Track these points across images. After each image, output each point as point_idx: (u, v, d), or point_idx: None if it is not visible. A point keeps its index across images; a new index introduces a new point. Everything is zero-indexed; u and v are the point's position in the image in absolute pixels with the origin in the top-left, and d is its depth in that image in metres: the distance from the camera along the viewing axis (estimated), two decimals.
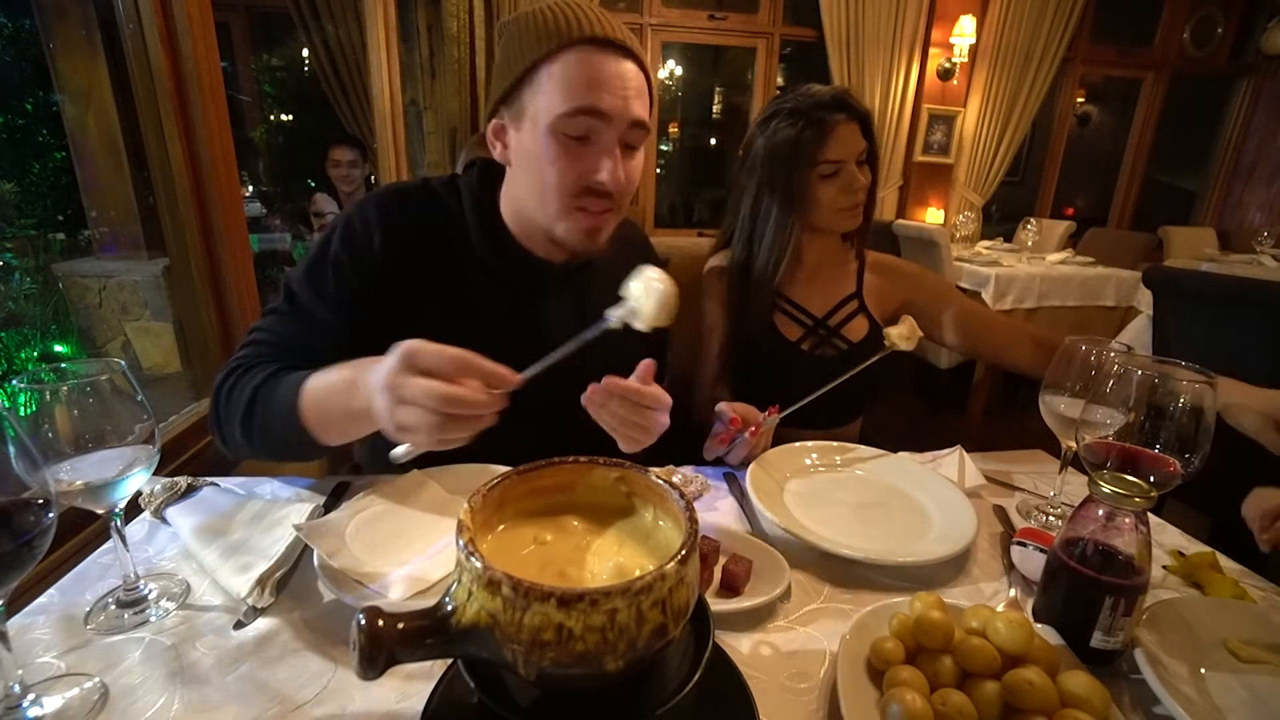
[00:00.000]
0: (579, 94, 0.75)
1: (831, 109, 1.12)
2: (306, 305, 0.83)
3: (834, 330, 1.23)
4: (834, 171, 1.14)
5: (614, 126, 0.78)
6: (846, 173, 1.14)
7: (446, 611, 0.38)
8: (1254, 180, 5.01)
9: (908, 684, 0.50)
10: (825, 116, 1.12)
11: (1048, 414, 0.83)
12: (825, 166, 1.14)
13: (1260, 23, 4.78)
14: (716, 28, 4.18)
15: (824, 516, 0.82)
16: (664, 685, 0.41)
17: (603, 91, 0.76)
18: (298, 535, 0.68)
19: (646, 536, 0.47)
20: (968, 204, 4.51)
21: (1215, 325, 1.46)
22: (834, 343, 1.23)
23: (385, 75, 2.37)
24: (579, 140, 0.78)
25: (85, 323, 2.19)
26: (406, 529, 0.73)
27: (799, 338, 1.24)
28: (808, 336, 1.24)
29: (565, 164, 0.78)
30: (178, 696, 0.52)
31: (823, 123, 1.12)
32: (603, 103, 0.76)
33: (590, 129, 0.77)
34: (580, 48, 0.76)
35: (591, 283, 0.96)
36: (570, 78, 0.75)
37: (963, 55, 4.17)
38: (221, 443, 0.81)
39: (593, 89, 0.76)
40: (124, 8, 1.04)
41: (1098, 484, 0.57)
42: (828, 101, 1.13)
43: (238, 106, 3.99)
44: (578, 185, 0.79)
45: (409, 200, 0.89)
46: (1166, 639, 0.58)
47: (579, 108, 0.75)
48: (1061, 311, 3.20)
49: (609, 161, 0.78)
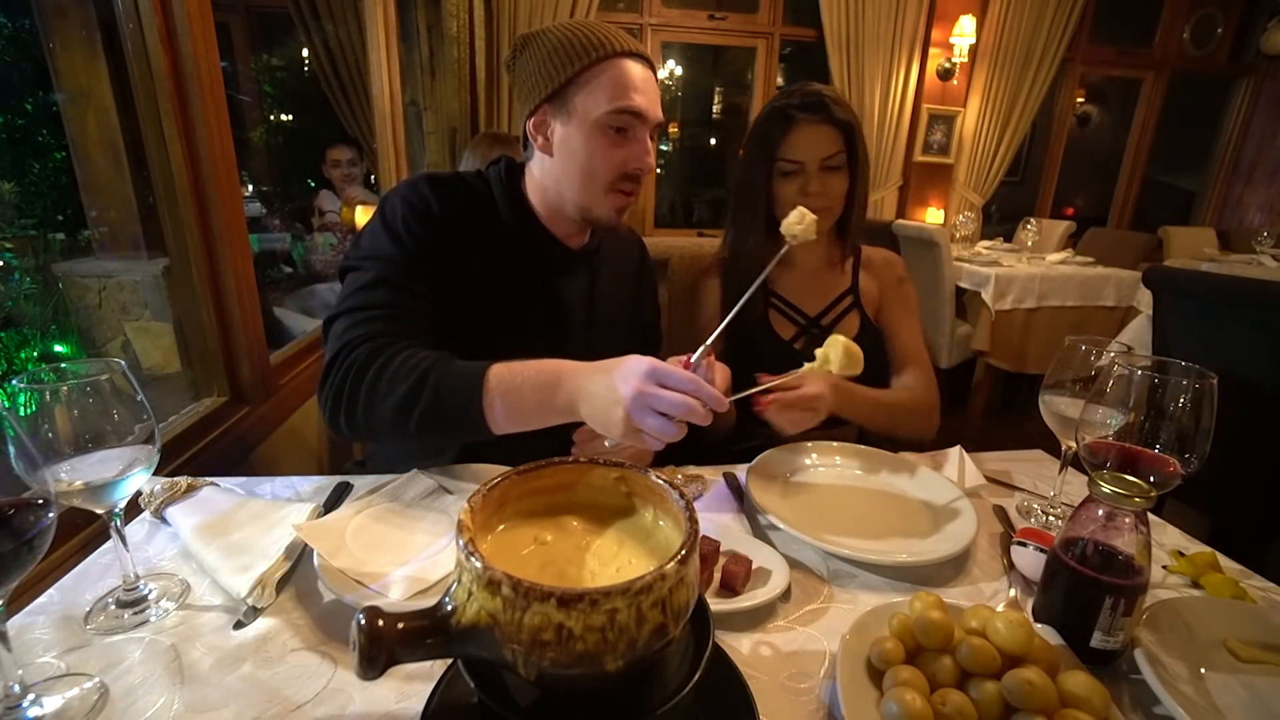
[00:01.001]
0: (622, 95, 0.90)
1: (801, 108, 1.11)
2: (393, 276, 0.89)
3: (826, 330, 1.23)
4: (792, 170, 1.13)
5: (647, 123, 0.93)
6: (805, 174, 1.13)
7: (446, 611, 0.38)
8: (1254, 180, 5.00)
9: (908, 684, 0.50)
10: (793, 114, 1.12)
11: (1048, 414, 0.83)
12: (784, 164, 1.13)
13: (1260, 23, 4.78)
14: (716, 28, 4.18)
15: (824, 516, 0.82)
16: (664, 685, 0.41)
17: (638, 95, 0.91)
18: (297, 535, 0.68)
19: (646, 536, 0.47)
20: (967, 204, 4.50)
21: (1215, 325, 1.46)
22: None
23: (385, 75, 2.36)
24: (619, 132, 0.92)
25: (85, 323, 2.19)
26: (406, 529, 0.73)
27: (792, 336, 1.24)
28: (800, 336, 1.24)
29: (611, 153, 0.92)
30: (178, 696, 0.52)
31: (788, 119, 1.12)
32: (639, 103, 0.91)
33: (629, 124, 0.92)
34: (618, 59, 0.91)
35: (600, 266, 1.10)
36: (615, 82, 0.90)
37: (963, 55, 4.17)
38: (347, 417, 0.80)
39: (632, 92, 0.91)
40: (124, 8, 1.03)
41: (1098, 484, 0.57)
42: (799, 101, 1.12)
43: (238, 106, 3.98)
44: (620, 170, 0.94)
45: (453, 183, 0.99)
46: (1166, 639, 0.58)
47: (623, 107, 0.90)
48: (1061, 311, 3.20)
49: (644, 150, 0.94)
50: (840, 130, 1.12)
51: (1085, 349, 0.81)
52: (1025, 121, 4.44)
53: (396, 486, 0.80)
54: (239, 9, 3.86)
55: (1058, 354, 0.83)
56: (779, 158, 1.13)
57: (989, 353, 3.15)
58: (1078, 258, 3.56)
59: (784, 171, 1.14)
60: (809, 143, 1.12)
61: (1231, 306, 1.41)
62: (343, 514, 0.74)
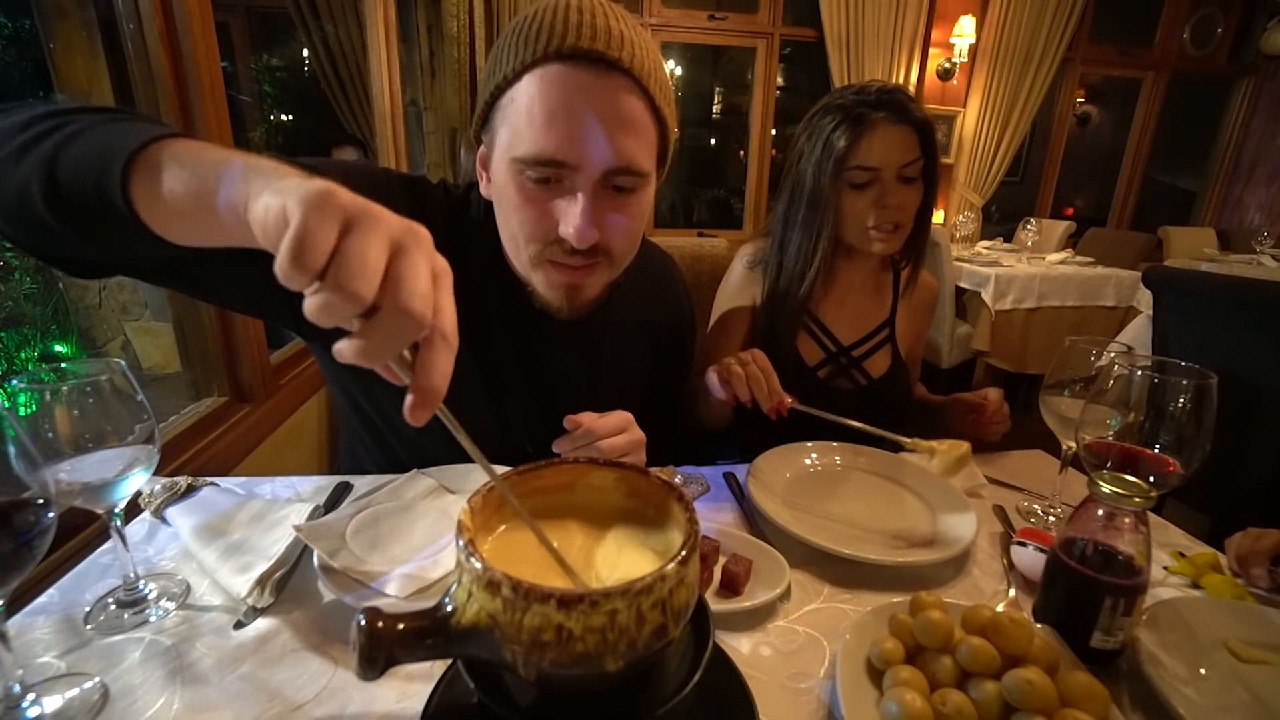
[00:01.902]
0: (535, 133, 0.61)
1: (875, 106, 0.96)
2: None
3: (856, 361, 1.11)
4: (866, 181, 0.98)
5: (584, 173, 0.63)
6: (881, 184, 0.98)
7: (446, 612, 0.38)
8: (1254, 180, 5.01)
9: (908, 684, 0.50)
10: (865, 114, 0.96)
11: (1048, 414, 0.83)
12: (856, 173, 0.98)
13: (1260, 23, 4.79)
14: (716, 28, 4.18)
15: (824, 516, 0.82)
16: (664, 685, 0.41)
17: (569, 128, 0.60)
18: (297, 535, 0.68)
19: (646, 537, 0.47)
20: (968, 204, 4.50)
21: (1215, 325, 1.46)
22: (853, 374, 1.12)
23: (385, 75, 2.36)
24: (541, 184, 0.64)
25: (85, 323, 2.19)
26: (406, 529, 0.73)
27: (816, 364, 1.11)
28: (826, 364, 1.11)
29: (526, 211, 0.65)
30: (178, 696, 0.52)
31: (861, 120, 0.96)
32: (564, 144, 0.61)
33: (550, 174, 0.63)
34: (550, 66, 0.61)
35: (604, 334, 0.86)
36: (531, 105, 0.61)
37: (963, 55, 4.17)
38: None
39: (555, 125, 0.60)
40: (124, 8, 1.03)
41: (1098, 484, 0.57)
42: (873, 98, 0.96)
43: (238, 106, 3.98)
44: (545, 233, 0.66)
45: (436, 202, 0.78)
46: (1166, 639, 0.58)
47: (533, 155, 0.61)
48: (1061, 311, 3.20)
49: (575, 213, 0.63)
50: (919, 134, 0.97)
51: (1085, 349, 0.81)
52: (1025, 121, 4.44)
53: (396, 486, 0.80)
54: (239, 9, 3.86)
55: (1058, 354, 0.83)
56: (851, 166, 0.97)
57: (989, 353, 3.15)
58: (1078, 258, 3.56)
59: (856, 183, 0.98)
60: (882, 147, 0.96)
61: (1231, 306, 1.41)
62: (342, 514, 0.73)
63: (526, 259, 0.70)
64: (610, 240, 0.68)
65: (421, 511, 0.76)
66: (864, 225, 1.00)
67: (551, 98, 0.61)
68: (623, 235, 0.69)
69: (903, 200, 0.98)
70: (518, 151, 0.63)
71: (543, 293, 0.73)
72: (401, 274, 0.33)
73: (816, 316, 1.11)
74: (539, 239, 0.67)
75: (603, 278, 0.73)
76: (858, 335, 1.12)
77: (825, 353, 1.11)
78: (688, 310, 1.06)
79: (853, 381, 1.12)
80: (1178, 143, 5.18)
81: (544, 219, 0.66)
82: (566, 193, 0.65)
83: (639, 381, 0.95)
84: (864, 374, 1.12)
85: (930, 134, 0.98)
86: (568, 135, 0.61)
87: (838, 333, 1.12)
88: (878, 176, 0.98)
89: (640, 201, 0.69)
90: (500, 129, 0.66)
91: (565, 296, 0.72)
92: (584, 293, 0.73)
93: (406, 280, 0.32)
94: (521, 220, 0.66)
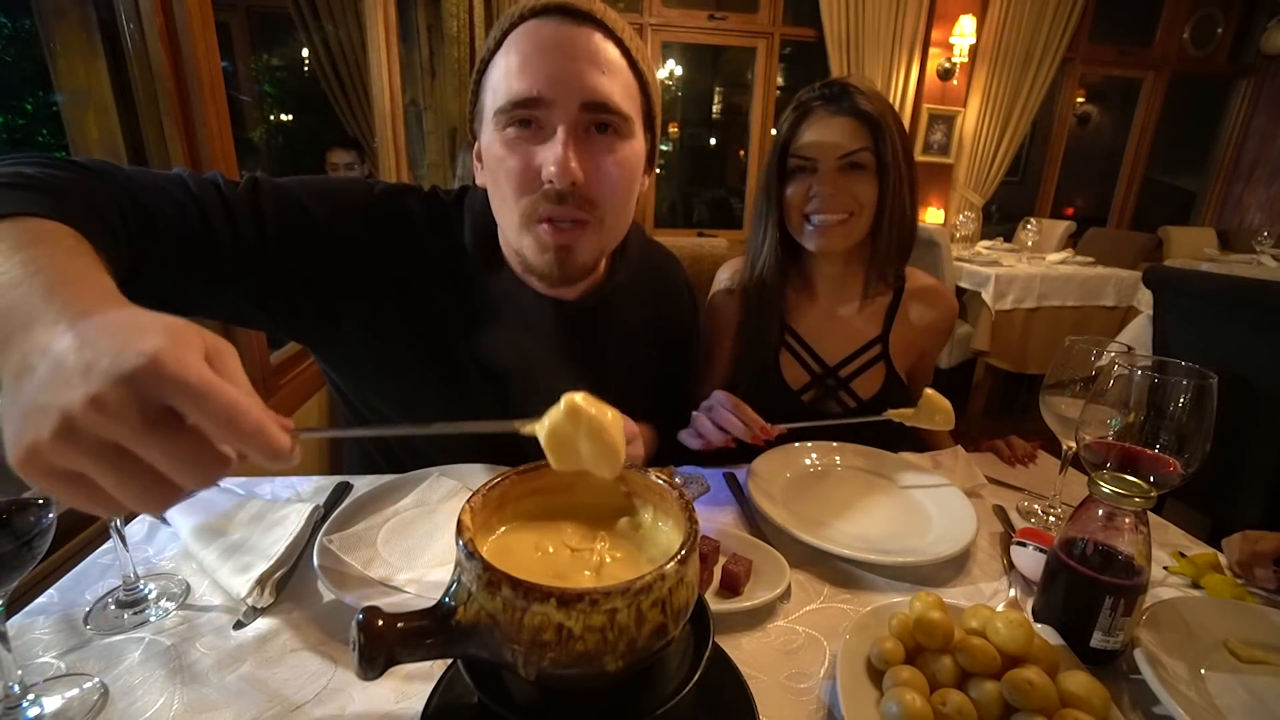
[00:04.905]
0: (511, 80, 0.63)
1: (819, 98, 0.97)
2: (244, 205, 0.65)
3: (843, 382, 1.07)
4: (802, 168, 0.97)
5: (559, 107, 0.64)
6: (817, 172, 0.96)
7: (446, 611, 0.38)
8: (1254, 180, 5.01)
9: (908, 684, 0.50)
10: (809, 104, 0.97)
11: (1048, 414, 0.83)
12: (793, 160, 0.98)
13: (1260, 23, 4.78)
14: (716, 28, 4.18)
15: (824, 517, 0.82)
16: (664, 685, 0.41)
17: (541, 66, 0.63)
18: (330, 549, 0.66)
19: (646, 537, 0.47)
20: (968, 204, 4.50)
21: (1215, 325, 1.46)
22: (840, 397, 1.08)
23: (385, 75, 2.36)
24: (521, 126, 0.65)
25: None
26: (438, 534, 0.72)
27: (801, 387, 1.07)
28: (812, 386, 1.07)
29: (511, 161, 0.66)
30: (178, 696, 0.52)
31: (804, 111, 0.97)
32: (538, 79, 0.62)
33: (530, 115, 0.64)
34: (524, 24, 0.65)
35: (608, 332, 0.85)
36: (508, 60, 0.64)
37: (963, 55, 4.17)
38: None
39: (528, 66, 0.63)
40: (124, 8, 1.03)
41: (1098, 484, 0.57)
42: (818, 90, 0.97)
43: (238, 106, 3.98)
44: (530, 184, 0.66)
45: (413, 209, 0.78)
46: (1166, 639, 0.58)
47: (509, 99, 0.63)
48: (1061, 311, 3.20)
49: (555, 150, 0.63)
50: (865, 124, 0.95)
51: (1085, 349, 0.81)
52: (1025, 121, 4.44)
53: (422, 491, 0.79)
54: (239, 9, 3.86)
55: (1058, 354, 0.83)
56: (789, 154, 0.98)
57: (989, 353, 3.15)
58: (1078, 258, 3.56)
59: (792, 169, 0.98)
60: (820, 135, 0.95)
61: (1231, 306, 1.41)
62: (372, 522, 0.72)
63: (517, 220, 0.69)
64: (595, 188, 0.67)
65: (450, 512, 0.75)
66: (799, 214, 0.99)
67: (525, 47, 0.65)
68: (608, 184, 0.68)
69: (842, 189, 0.96)
70: (498, 104, 0.65)
71: (534, 260, 0.71)
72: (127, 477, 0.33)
73: (798, 334, 1.08)
74: (525, 189, 0.67)
75: (593, 240, 0.72)
76: (844, 354, 1.07)
77: (810, 375, 1.08)
78: (691, 308, 1.06)
79: (841, 405, 1.08)
80: (1178, 143, 5.18)
81: (528, 167, 0.66)
82: (548, 136, 0.65)
83: (643, 379, 0.95)
84: (853, 396, 1.08)
85: (880, 127, 0.94)
86: (541, 71, 0.63)
87: (823, 352, 1.08)
88: (814, 165, 0.97)
89: (625, 150, 0.70)
90: (486, 100, 0.68)
91: (556, 260, 0.70)
92: (575, 256, 0.71)
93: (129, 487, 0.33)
94: (508, 173, 0.67)
